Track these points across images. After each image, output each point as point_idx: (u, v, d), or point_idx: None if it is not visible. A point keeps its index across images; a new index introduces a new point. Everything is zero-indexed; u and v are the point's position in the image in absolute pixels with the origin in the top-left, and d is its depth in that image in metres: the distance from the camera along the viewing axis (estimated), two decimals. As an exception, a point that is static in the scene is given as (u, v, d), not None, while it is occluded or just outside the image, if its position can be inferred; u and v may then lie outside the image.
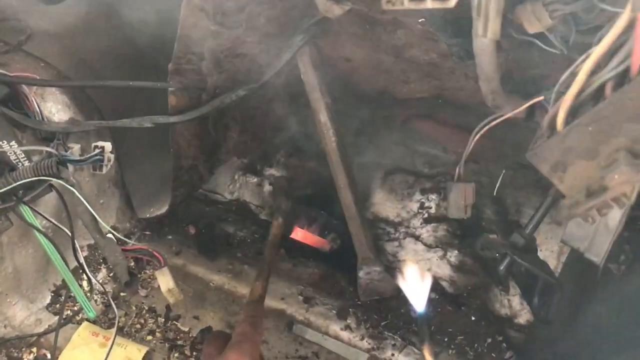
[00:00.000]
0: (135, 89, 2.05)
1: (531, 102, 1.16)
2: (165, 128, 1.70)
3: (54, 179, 1.62)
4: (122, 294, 2.02)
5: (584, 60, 0.78)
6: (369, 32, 1.48)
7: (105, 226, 1.65)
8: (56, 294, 1.99)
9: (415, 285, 1.30)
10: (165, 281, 1.61)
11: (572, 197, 0.80)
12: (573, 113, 0.79)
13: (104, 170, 1.77)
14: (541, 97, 1.13)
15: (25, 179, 1.57)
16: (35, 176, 1.59)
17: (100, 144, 1.75)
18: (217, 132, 1.78)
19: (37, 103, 1.75)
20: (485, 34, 0.98)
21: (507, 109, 1.28)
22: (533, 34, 1.15)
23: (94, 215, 1.64)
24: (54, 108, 1.88)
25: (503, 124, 2.07)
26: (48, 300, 1.97)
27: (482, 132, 1.32)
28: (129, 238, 2.16)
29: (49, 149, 1.67)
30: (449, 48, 1.27)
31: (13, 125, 1.65)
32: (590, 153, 0.77)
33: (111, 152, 1.78)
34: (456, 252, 2.10)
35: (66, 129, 1.71)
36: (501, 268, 1.54)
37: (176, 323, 1.97)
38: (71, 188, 1.63)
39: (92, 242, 2.02)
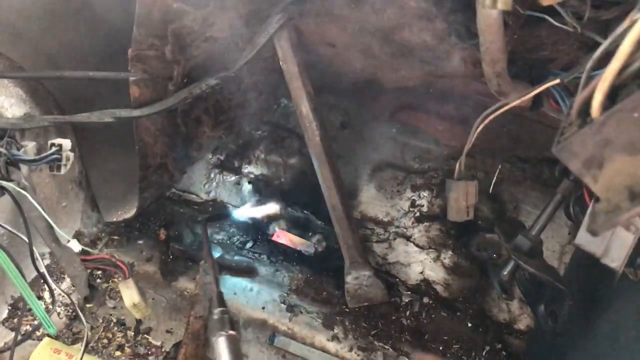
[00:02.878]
0: (101, 82, 1.87)
1: (543, 87, 1.00)
2: (130, 123, 1.53)
3: (3, 182, 1.45)
4: (87, 305, 1.84)
5: (627, 29, 0.62)
6: (355, 12, 1.32)
7: (62, 234, 1.48)
8: (14, 307, 1.80)
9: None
10: (129, 295, 1.43)
11: (609, 200, 0.64)
12: (612, 97, 0.63)
13: (63, 170, 1.59)
14: (556, 81, 0.97)
15: (-32, 181, 1.40)
16: (-20, 178, 1.42)
17: (57, 141, 1.57)
18: (188, 126, 1.60)
19: (-15, 97, 1.58)
20: (495, 4, 0.82)
21: (513, 96, 1.13)
22: (542, 9, 1.00)
23: (49, 222, 1.47)
24: (7, 102, 1.70)
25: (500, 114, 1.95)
26: (5, 315, 1.78)
27: (485, 122, 1.16)
28: (96, 243, 1.98)
29: (-2, 149, 1.49)
30: (448, 26, 1.11)
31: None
32: (635, 146, 0.61)
33: (70, 151, 1.61)
34: (450, 253, 1.96)
35: (16, 125, 1.53)
36: (504, 274, 1.39)
37: (147, 337, 1.80)
38: (22, 191, 1.45)
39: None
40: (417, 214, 2.00)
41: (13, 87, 1.71)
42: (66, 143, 1.59)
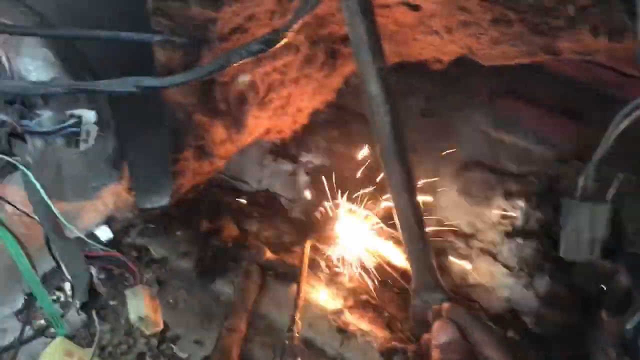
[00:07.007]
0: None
1: None
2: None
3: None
4: (111, 302, 1.60)
5: None
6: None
7: (65, 223, 1.23)
8: (31, 297, 1.58)
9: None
10: (135, 306, 1.17)
11: None
12: None
13: (82, 146, 1.34)
14: None
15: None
16: (-26, 151, 1.18)
17: (77, 112, 1.32)
18: (229, 103, 1.31)
19: (5, 56, 1.36)
20: None
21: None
22: None
23: (47, 204, 1.22)
24: (32, 64, 1.47)
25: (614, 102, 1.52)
26: (19, 306, 1.57)
27: (628, 120, 0.79)
28: (128, 231, 1.74)
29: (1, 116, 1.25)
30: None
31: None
32: None
33: (94, 124, 1.36)
34: (547, 278, 1.57)
35: (28, 90, 1.28)
36: (627, 328, 1.00)
37: (173, 346, 1.54)
38: (23, 168, 1.21)
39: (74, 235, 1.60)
40: (509, 227, 1.62)
41: (40, 47, 1.48)
42: (88, 115, 1.34)
